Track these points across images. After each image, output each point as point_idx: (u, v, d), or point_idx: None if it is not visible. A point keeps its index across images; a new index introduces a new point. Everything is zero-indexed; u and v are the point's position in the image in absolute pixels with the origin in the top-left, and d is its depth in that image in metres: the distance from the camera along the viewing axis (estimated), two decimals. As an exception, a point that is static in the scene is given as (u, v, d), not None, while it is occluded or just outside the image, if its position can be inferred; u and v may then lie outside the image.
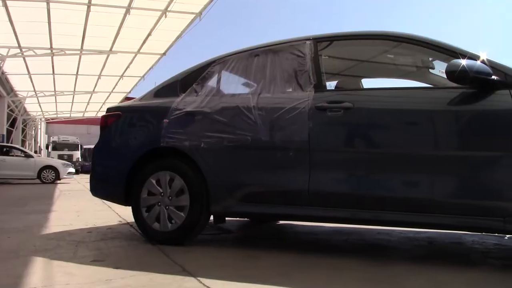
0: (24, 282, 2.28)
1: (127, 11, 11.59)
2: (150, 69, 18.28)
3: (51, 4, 10.90)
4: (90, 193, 3.88)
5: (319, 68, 3.08)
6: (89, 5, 11.08)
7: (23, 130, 29.17)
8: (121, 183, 3.49)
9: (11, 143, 21.47)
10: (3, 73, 17.73)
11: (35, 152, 26.90)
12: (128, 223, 4.45)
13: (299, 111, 2.95)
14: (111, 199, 3.82)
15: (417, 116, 2.75)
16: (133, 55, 15.84)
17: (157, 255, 2.95)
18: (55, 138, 31.68)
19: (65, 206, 6.55)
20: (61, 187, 11.96)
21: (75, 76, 19.04)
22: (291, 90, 3.16)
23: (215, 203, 3.18)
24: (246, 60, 3.45)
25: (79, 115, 32.51)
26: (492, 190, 2.50)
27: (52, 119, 35.08)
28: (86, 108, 29.03)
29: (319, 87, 3.02)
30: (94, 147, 3.91)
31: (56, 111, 30.13)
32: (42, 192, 9.85)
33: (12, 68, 17.10)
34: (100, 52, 15.11)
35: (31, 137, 33.73)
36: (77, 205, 6.48)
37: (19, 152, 15.22)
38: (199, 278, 2.33)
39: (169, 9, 11.69)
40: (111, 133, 3.76)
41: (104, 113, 4.00)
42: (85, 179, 15.34)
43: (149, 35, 13.61)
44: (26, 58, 15.39)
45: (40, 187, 12.25)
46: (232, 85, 3.59)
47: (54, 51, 14.66)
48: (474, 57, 2.60)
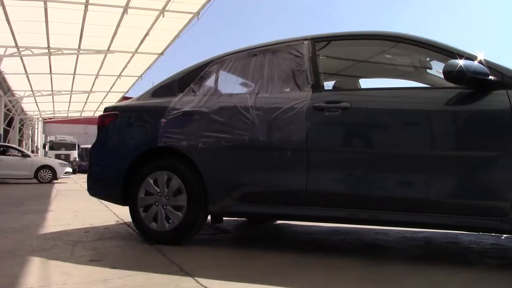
0: (21, 282, 2.27)
1: (125, 10, 11.58)
2: (147, 68, 18.26)
3: (48, 3, 10.89)
4: (87, 193, 3.87)
5: (317, 68, 3.09)
6: (86, 4, 11.07)
7: (20, 130, 29.12)
8: (118, 183, 3.48)
9: (8, 142, 21.46)
10: (0, 72, 17.69)
11: (32, 151, 26.80)
12: (125, 223, 4.45)
13: (297, 111, 2.95)
14: (108, 199, 3.82)
15: (414, 116, 2.75)
16: (131, 54, 15.83)
17: (155, 255, 2.94)
18: (52, 138, 31.64)
19: (62, 206, 6.54)
20: (58, 187, 11.93)
21: (72, 76, 19.01)
22: (289, 90, 3.16)
23: (212, 203, 3.17)
24: (244, 60, 3.45)
25: (77, 114, 32.45)
26: (489, 190, 2.50)
27: (49, 118, 35.02)
28: (84, 107, 28.99)
29: (317, 87, 3.02)
30: (92, 146, 3.90)
31: (53, 110, 30.08)
32: (39, 192, 9.82)
33: (9, 68, 17.06)
34: (98, 52, 15.09)
35: (28, 136, 33.66)
36: (74, 205, 6.47)
37: (16, 151, 15.19)
38: (196, 278, 2.32)
39: (166, 8, 11.68)
40: (108, 132, 3.76)
41: (101, 112, 4.00)
42: (82, 178, 15.34)
43: (146, 34, 13.60)
44: (23, 57, 15.35)
45: (37, 186, 12.21)
46: (230, 85, 3.59)
47: (51, 50, 14.64)
48: (471, 57, 2.61)
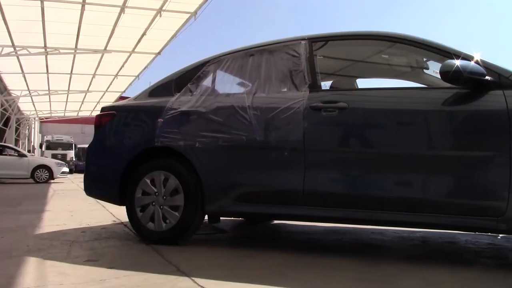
0: (17, 282, 2.26)
1: (122, 10, 11.53)
2: (145, 68, 18.20)
3: (45, 2, 10.83)
4: (84, 193, 3.86)
5: (314, 68, 3.09)
6: (83, 4, 11.02)
7: (16, 129, 29.00)
8: (115, 183, 3.47)
9: (5, 142, 21.37)
10: (-4, 72, 17.64)
11: (29, 151, 26.73)
12: (122, 222, 4.44)
13: (294, 111, 2.95)
14: (105, 198, 3.81)
15: (411, 116, 2.76)
16: (128, 54, 15.77)
17: (152, 255, 2.94)
18: (49, 137, 31.50)
19: (58, 205, 6.52)
20: (54, 187, 11.89)
21: (69, 75, 18.92)
22: (286, 90, 3.16)
23: (209, 202, 3.17)
24: (241, 60, 3.44)
25: (73, 114, 32.32)
26: (485, 189, 2.51)
27: (46, 118, 34.87)
28: (80, 107, 28.87)
29: (314, 87, 3.02)
30: (88, 146, 3.90)
31: (50, 110, 29.95)
32: (36, 192, 9.79)
33: (6, 67, 16.98)
34: (95, 51, 15.02)
35: (25, 136, 33.54)
36: (71, 205, 6.45)
37: (13, 151, 15.12)
38: (193, 278, 2.32)
39: (164, 8, 11.65)
40: (105, 132, 3.75)
41: (98, 112, 3.99)
42: (79, 178, 15.30)
43: (144, 34, 13.55)
44: (20, 57, 15.29)
45: (34, 186, 12.18)
46: (227, 84, 3.59)
47: (48, 50, 14.56)
48: (468, 57, 2.61)
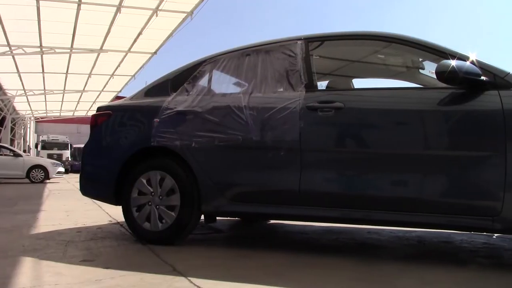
0: (12, 282, 2.26)
1: (118, 9, 11.50)
2: (141, 68, 18.16)
3: (40, 2, 10.78)
4: (80, 193, 3.85)
5: (310, 68, 3.09)
6: (79, 3, 10.99)
7: (12, 129, 28.86)
8: (111, 183, 3.47)
9: (0, 142, 21.25)
10: (-9, 71, 17.55)
11: (24, 151, 26.58)
12: (118, 222, 4.43)
13: (290, 110, 2.95)
14: (101, 198, 3.80)
15: (407, 116, 2.76)
16: (124, 54, 15.72)
17: (148, 255, 2.94)
18: (44, 137, 31.37)
19: (54, 205, 6.50)
20: (50, 187, 11.85)
21: (65, 75, 18.85)
22: (282, 89, 3.16)
23: (206, 202, 3.17)
24: (237, 60, 3.44)
25: (69, 114, 32.22)
26: (481, 189, 2.52)
27: (42, 118, 34.76)
28: (76, 107, 28.79)
29: (310, 87, 3.03)
30: (84, 146, 3.88)
31: (46, 110, 29.83)
32: (31, 192, 9.75)
33: (1, 67, 16.89)
34: (91, 51, 14.97)
35: (20, 136, 33.39)
36: (67, 205, 6.43)
37: (8, 151, 15.04)
38: (189, 278, 2.32)
39: (160, 8, 11.62)
40: (101, 132, 3.74)
41: (94, 112, 3.98)
42: (74, 178, 15.26)
43: (140, 34, 13.52)
44: (15, 56, 15.22)
45: (29, 186, 12.13)
46: (223, 84, 3.59)
47: (43, 49, 14.50)
48: (463, 57, 2.62)
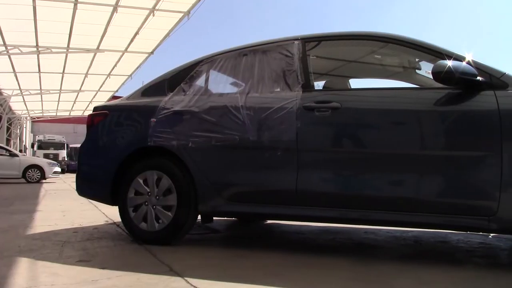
0: (8, 282, 2.24)
1: (115, 9, 11.47)
2: (137, 68, 18.12)
3: (37, 1, 10.73)
4: (76, 193, 3.83)
5: (307, 68, 3.09)
6: (76, 2, 10.95)
7: (8, 129, 28.77)
8: (107, 183, 3.46)
9: (-4, 142, 21.18)
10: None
11: (20, 151, 26.48)
12: (114, 223, 4.42)
13: (287, 110, 2.95)
14: (97, 198, 3.79)
15: (403, 116, 2.77)
16: (121, 53, 15.69)
17: (144, 255, 2.93)
18: (40, 137, 31.26)
19: (50, 205, 6.47)
20: (46, 187, 11.81)
21: (61, 75, 18.78)
22: (279, 89, 3.17)
23: (202, 202, 3.17)
24: (234, 60, 3.44)
25: (65, 114, 32.13)
26: (477, 189, 2.53)
27: (38, 117, 34.62)
28: (73, 107, 28.69)
29: (307, 87, 3.03)
30: (81, 146, 3.87)
31: (42, 109, 29.73)
32: (27, 192, 9.71)
33: (-3, 66, 16.85)
34: (87, 51, 14.93)
35: (16, 136, 33.26)
36: (63, 205, 6.41)
37: (4, 151, 14.94)
38: (186, 278, 2.32)
39: (157, 7, 11.61)
40: (97, 132, 3.73)
41: (90, 112, 3.97)
42: (71, 178, 15.20)
43: (136, 33, 13.49)
44: (11, 56, 15.16)
45: (25, 186, 12.08)
46: (220, 84, 3.59)
47: (40, 49, 14.45)
48: (460, 58, 2.63)
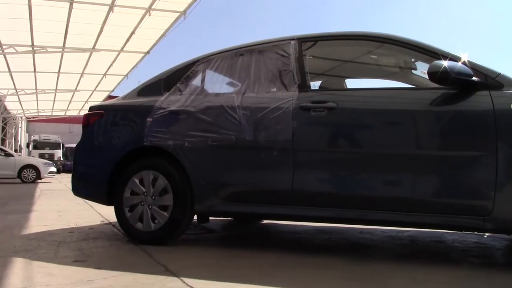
0: (3, 283, 2.24)
1: (111, 8, 11.45)
2: (133, 67, 18.08)
3: (32, 0, 10.71)
4: (72, 193, 3.82)
5: (303, 68, 3.10)
6: (71, 2, 10.92)
7: (3, 129, 28.63)
8: (103, 183, 3.45)
9: (-9, 141, 21.08)
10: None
11: (16, 151, 26.41)
12: (110, 223, 4.41)
13: (283, 110, 2.96)
14: (93, 198, 3.78)
15: (399, 116, 2.78)
16: (117, 53, 15.65)
17: (140, 255, 2.92)
18: (36, 137, 31.10)
19: (46, 206, 6.45)
20: (42, 187, 11.76)
21: (57, 74, 18.71)
22: (275, 89, 3.16)
23: (199, 202, 3.17)
24: (230, 60, 3.44)
25: (61, 113, 32.03)
26: (472, 189, 2.54)
27: (33, 117, 34.48)
28: (68, 106, 28.61)
29: (303, 87, 3.03)
30: (76, 146, 3.86)
31: (37, 109, 29.63)
32: (23, 192, 9.67)
33: (-8, 65, 16.77)
34: (83, 50, 14.89)
35: (12, 135, 33.13)
36: (59, 205, 6.39)
37: (-1, 151, 14.94)
38: (182, 278, 2.32)
39: (153, 7, 11.59)
40: (93, 132, 3.72)
41: (86, 111, 3.96)
42: (66, 178, 15.16)
43: (132, 33, 13.46)
44: (6, 55, 15.10)
45: (21, 186, 12.04)
46: (217, 84, 3.59)
47: (35, 48, 14.40)
48: (455, 58, 2.64)
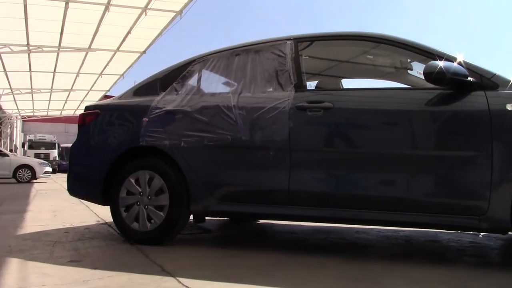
0: (-2, 283, 2.23)
1: (107, 8, 11.42)
2: (129, 67, 18.04)
3: (28, -1, 10.68)
4: (67, 193, 3.81)
5: (299, 68, 3.10)
6: (67, 1, 10.88)
7: (-2, 128, 28.53)
8: (99, 183, 3.44)
9: (-14, 141, 20.98)
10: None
11: (11, 150, 26.26)
12: (106, 223, 4.40)
13: (279, 110, 2.96)
14: (89, 198, 3.77)
15: (395, 116, 2.79)
16: (112, 53, 15.62)
17: (136, 255, 2.92)
18: (31, 137, 30.98)
19: (41, 206, 6.43)
20: (37, 187, 11.72)
21: (52, 74, 18.65)
22: (271, 89, 3.17)
23: (195, 202, 3.16)
24: (227, 59, 3.44)
25: (57, 113, 31.93)
26: (468, 189, 2.55)
27: (29, 117, 34.34)
28: (64, 106, 28.53)
29: (300, 87, 3.04)
30: (72, 145, 3.85)
31: (33, 109, 29.50)
32: (18, 192, 9.64)
33: (-13, 65, 16.69)
34: (79, 50, 14.85)
35: (7, 135, 32.96)
36: (54, 205, 6.37)
37: (-6, 150, 14.88)
38: (178, 278, 2.31)
39: (149, 6, 11.57)
40: (89, 131, 3.71)
41: (82, 111, 3.94)
42: (62, 178, 15.11)
43: (128, 33, 13.44)
44: (1, 54, 15.03)
45: (16, 186, 11.99)
46: (213, 84, 3.58)
47: (31, 48, 14.35)
48: (451, 58, 2.66)
